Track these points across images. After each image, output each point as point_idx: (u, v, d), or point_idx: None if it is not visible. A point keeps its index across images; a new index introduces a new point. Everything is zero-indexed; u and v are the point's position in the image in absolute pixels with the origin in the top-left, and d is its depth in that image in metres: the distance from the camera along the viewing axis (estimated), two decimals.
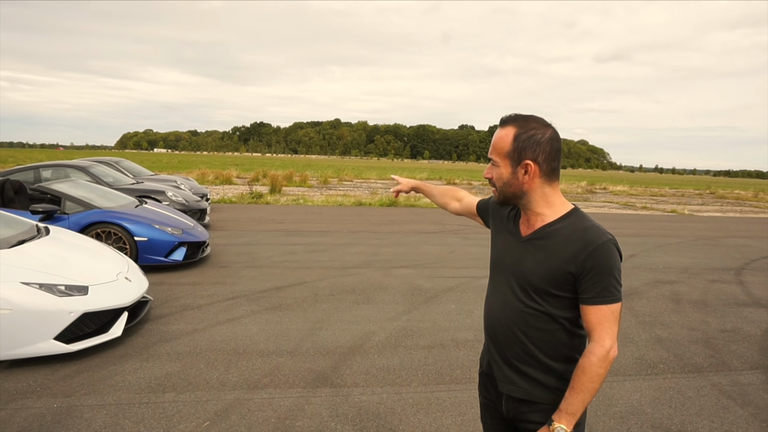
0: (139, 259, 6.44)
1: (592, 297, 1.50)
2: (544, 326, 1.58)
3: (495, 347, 1.71)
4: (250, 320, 4.95)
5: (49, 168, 9.81)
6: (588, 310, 1.51)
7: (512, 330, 1.63)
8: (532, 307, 1.58)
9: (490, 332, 1.74)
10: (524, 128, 1.55)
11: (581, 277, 1.50)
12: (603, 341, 1.48)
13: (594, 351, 1.48)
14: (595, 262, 1.48)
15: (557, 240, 1.56)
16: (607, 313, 1.49)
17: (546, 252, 1.57)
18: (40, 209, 6.10)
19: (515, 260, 1.64)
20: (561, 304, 1.56)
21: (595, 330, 1.50)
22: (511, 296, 1.64)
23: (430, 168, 75.94)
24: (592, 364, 1.48)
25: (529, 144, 1.54)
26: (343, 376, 3.85)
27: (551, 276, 1.54)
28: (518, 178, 1.57)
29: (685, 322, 5.48)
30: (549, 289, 1.55)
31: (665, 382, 3.98)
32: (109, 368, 3.78)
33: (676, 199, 29.50)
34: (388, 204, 17.53)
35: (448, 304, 5.76)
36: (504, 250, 1.71)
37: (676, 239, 11.95)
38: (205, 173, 27.03)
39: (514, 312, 1.62)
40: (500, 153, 1.57)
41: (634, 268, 8.18)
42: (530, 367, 1.62)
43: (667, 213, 19.74)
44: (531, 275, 1.58)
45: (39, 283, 3.78)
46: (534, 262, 1.58)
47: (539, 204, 1.61)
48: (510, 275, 1.65)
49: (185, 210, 9.50)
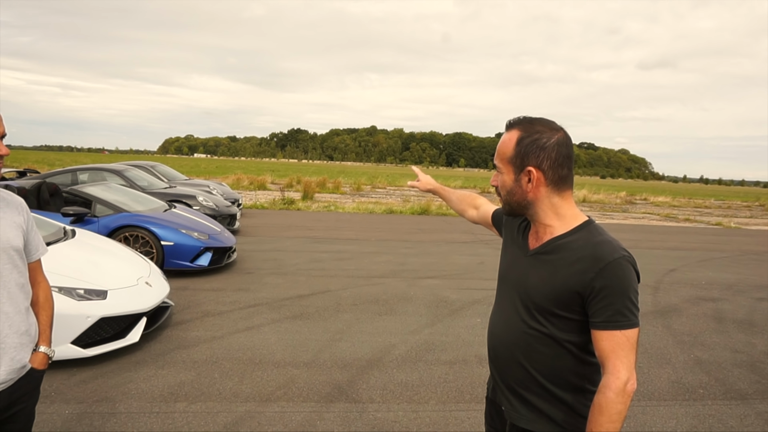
0: (165, 263, 6.47)
1: (603, 321, 1.33)
2: (548, 350, 1.42)
3: (497, 371, 1.57)
4: (269, 329, 4.88)
5: (86, 171, 10.06)
6: (600, 335, 1.34)
7: (513, 353, 1.48)
8: (535, 329, 1.43)
9: (492, 354, 1.59)
10: (528, 132, 1.40)
11: (590, 298, 1.33)
12: (618, 373, 1.30)
13: (610, 385, 1.31)
14: (605, 282, 1.31)
15: (565, 255, 1.39)
16: (622, 340, 1.31)
17: (551, 268, 1.41)
18: (71, 212, 6.21)
19: (520, 276, 1.50)
20: (567, 326, 1.39)
21: (608, 359, 1.32)
22: (514, 315, 1.49)
23: (465, 176, 75.32)
24: (609, 401, 1.30)
25: (532, 149, 1.39)
26: (359, 390, 3.71)
27: (555, 295, 1.38)
28: (521, 186, 1.42)
29: (729, 344, 5.13)
30: (553, 309, 1.39)
31: (705, 409, 3.70)
32: (124, 375, 3.75)
33: (721, 211, 28.30)
34: (419, 212, 17.36)
35: (473, 318, 5.56)
36: (510, 265, 1.57)
37: (721, 253, 11.37)
38: (241, 178, 27.41)
39: (516, 333, 1.47)
40: (503, 159, 1.44)
41: (674, 284, 7.78)
42: (533, 395, 1.46)
43: (712, 225, 18.90)
44: (534, 293, 1.43)
45: (58, 287, 3.78)
46: (538, 279, 1.43)
47: (547, 215, 1.45)
48: (514, 292, 1.51)
49: (215, 215, 9.57)
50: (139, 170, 11.30)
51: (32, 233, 1.84)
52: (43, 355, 1.82)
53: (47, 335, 1.87)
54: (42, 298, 1.90)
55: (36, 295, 1.88)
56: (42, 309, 1.88)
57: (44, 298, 1.90)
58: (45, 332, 1.87)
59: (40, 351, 1.82)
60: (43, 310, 1.88)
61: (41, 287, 1.91)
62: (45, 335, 1.86)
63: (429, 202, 18.66)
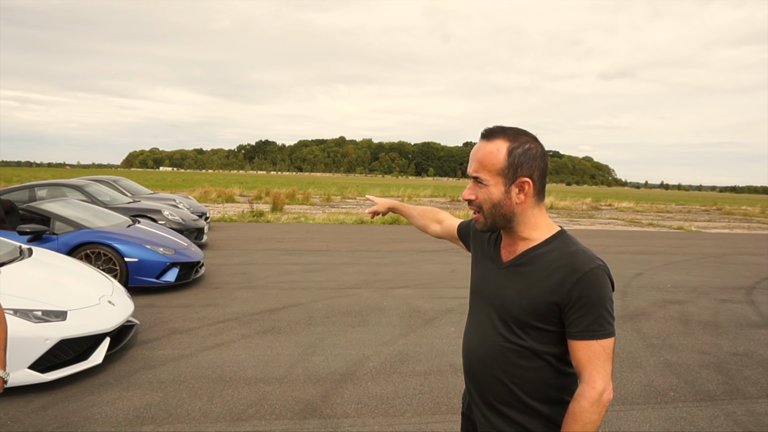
0: (129, 280, 6.26)
1: (580, 331, 1.31)
2: (527, 363, 1.39)
3: (474, 387, 1.53)
4: (239, 345, 4.75)
5: (45, 187, 9.70)
6: (576, 346, 1.33)
7: (491, 368, 1.44)
8: (514, 342, 1.40)
9: (468, 370, 1.55)
10: (517, 141, 1.37)
11: (568, 308, 1.32)
12: (594, 382, 1.30)
13: (585, 394, 1.30)
14: (583, 291, 1.30)
15: (541, 266, 1.38)
16: (598, 350, 1.31)
17: (528, 279, 1.39)
18: (27, 230, 5.95)
19: (494, 289, 1.46)
20: (545, 338, 1.37)
21: (585, 369, 1.32)
22: (490, 330, 1.46)
23: (435, 185, 75.87)
24: (583, 410, 1.29)
25: (526, 159, 1.36)
26: (333, 405, 3.63)
27: (533, 307, 1.36)
28: (511, 198, 1.38)
29: (696, 345, 5.24)
30: (531, 322, 1.37)
31: (676, 411, 3.74)
32: (87, 398, 3.58)
33: (682, 215, 29.19)
34: (390, 222, 17.35)
35: (447, 327, 5.54)
36: (483, 278, 1.53)
37: (684, 257, 11.68)
38: (208, 191, 26.97)
39: (493, 348, 1.44)
40: (491, 170, 1.37)
41: (641, 287, 7.94)
42: (512, 410, 1.43)
43: (674, 230, 19.45)
44: (511, 306, 1.40)
45: (13, 309, 3.60)
46: (515, 291, 1.40)
47: (527, 227, 1.43)
48: (489, 306, 1.47)
49: (181, 229, 9.34)
50: (100, 185, 10.97)
51: None
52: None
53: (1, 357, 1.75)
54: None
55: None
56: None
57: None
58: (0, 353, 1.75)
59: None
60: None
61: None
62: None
63: None
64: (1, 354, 1.76)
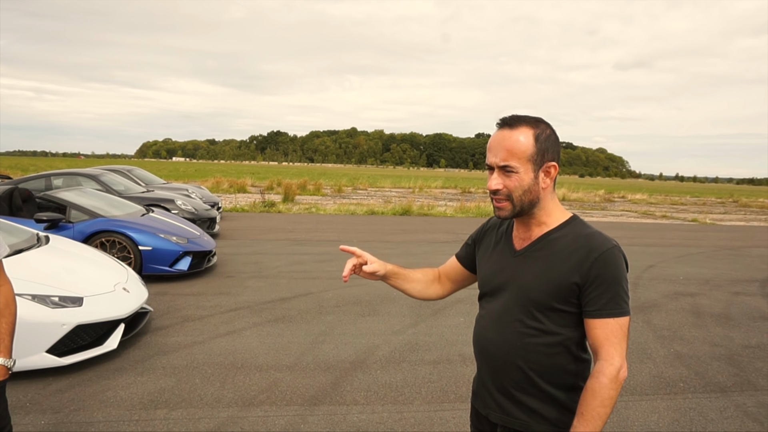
0: (143, 268, 6.35)
1: (597, 309, 1.35)
2: (546, 349, 1.42)
3: (489, 374, 1.54)
4: (251, 333, 4.81)
5: (60, 176, 9.84)
6: (594, 324, 1.36)
7: (509, 354, 1.46)
8: (533, 327, 1.42)
9: (484, 357, 1.57)
10: (539, 128, 1.41)
11: (586, 287, 1.36)
12: (612, 359, 1.33)
13: (604, 370, 1.32)
14: (600, 270, 1.34)
15: (558, 249, 1.41)
16: (615, 328, 1.34)
17: (546, 263, 1.42)
18: (44, 218, 6.06)
19: (510, 276, 1.48)
20: (565, 320, 1.40)
21: (602, 347, 1.34)
22: (507, 316, 1.47)
23: (446, 176, 75.68)
24: (603, 386, 1.31)
25: (550, 144, 1.41)
26: (342, 393, 3.68)
27: (554, 288, 1.38)
28: (539, 183, 1.41)
29: (707, 337, 5.21)
30: (552, 304, 1.39)
31: (685, 402, 3.74)
32: (102, 383, 3.66)
33: (697, 207, 28.87)
34: (401, 213, 17.37)
35: (456, 317, 5.57)
36: (496, 269, 1.54)
37: (697, 249, 11.58)
38: (220, 182, 27.14)
39: (512, 334, 1.46)
40: (521, 157, 1.38)
41: (653, 280, 7.89)
42: (528, 396, 1.45)
43: (688, 222, 19.26)
44: (531, 289, 1.42)
45: (32, 294, 3.68)
46: (533, 275, 1.43)
47: (545, 212, 1.47)
48: (506, 294, 1.49)
49: (194, 219, 9.44)
50: (115, 174, 11.10)
51: None
52: (0, 367, 1.71)
53: (5, 345, 1.73)
54: (1, 303, 1.76)
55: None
56: (1, 316, 1.75)
57: (4, 303, 1.76)
58: (2, 342, 1.73)
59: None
60: (2, 317, 1.75)
61: (1, 292, 1.78)
62: (3, 345, 1.73)
63: (410, 202, 18.68)
64: (7, 341, 1.75)
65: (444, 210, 18.90)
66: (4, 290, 1.79)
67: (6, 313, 1.77)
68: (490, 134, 1.47)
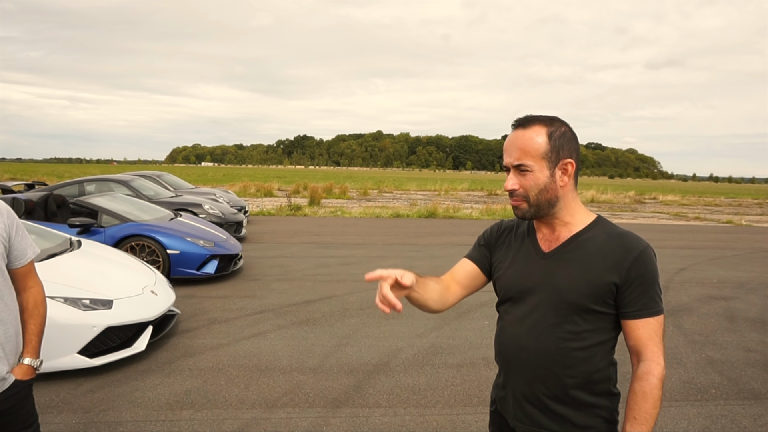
0: (171, 271, 6.48)
1: (638, 309, 1.34)
2: (582, 353, 1.38)
3: (519, 382, 1.48)
4: (275, 335, 4.86)
5: (93, 182, 10.11)
6: (636, 324, 1.35)
7: (544, 360, 1.41)
8: (570, 330, 1.39)
9: (515, 366, 1.49)
10: (553, 126, 1.40)
11: (625, 287, 1.34)
12: (659, 359, 1.33)
13: (652, 371, 1.31)
14: (639, 270, 1.33)
15: (591, 250, 1.39)
16: (657, 327, 1.34)
17: (581, 264, 1.39)
18: (77, 223, 6.24)
19: (542, 279, 1.43)
20: (603, 323, 1.39)
21: (646, 347, 1.33)
22: (541, 321, 1.42)
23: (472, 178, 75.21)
24: (653, 387, 1.30)
25: (565, 141, 1.40)
26: (365, 395, 3.68)
27: (591, 289, 1.36)
28: (556, 181, 1.40)
29: (741, 343, 5.05)
30: (590, 306, 1.37)
31: (717, 409, 3.63)
32: (131, 383, 3.75)
33: (732, 209, 28.03)
34: (426, 215, 17.33)
35: (481, 320, 5.52)
36: (523, 273, 1.48)
37: (732, 251, 11.24)
38: (247, 186, 27.50)
39: (547, 339, 1.40)
40: (534, 156, 1.38)
41: (684, 283, 7.70)
42: (559, 403, 1.41)
43: (722, 224, 18.72)
44: (568, 292, 1.38)
45: (64, 297, 3.79)
46: (569, 278, 1.39)
47: (568, 211, 1.44)
48: (536, 297, 1.44)
49: (221, 223, 9.59)
50: (145, 180, 11.36)
51: (18, 238, 1.76)
52: (27, 367, 1.76)
53: (33, 345, 1.78)
54: (31, 304, 1.80)
55: (25, 301, 1.80)
56: (30, 317, 1.79)
57: (33, 304, 1.81)
58: (30, 342, 1.78)
59: (24, 363, 1.76)
60: (31, 318, 1.79)
61: (31, 293, 1.82)
62: (30, 345, 1.78)
63: (436, 205, 18.62)
64: (35, 341, 1.79)
65: (470, 212, 18.79)
66: (33, 292, 1.83)
67: (35, 315, 1.81)
68: None
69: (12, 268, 1.77)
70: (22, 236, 1.78)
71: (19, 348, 1.76)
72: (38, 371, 1.81)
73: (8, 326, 1.71)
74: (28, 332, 1.79)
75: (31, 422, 1.79)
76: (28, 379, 1.76)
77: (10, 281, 1.77)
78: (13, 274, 1.79)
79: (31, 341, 1.78)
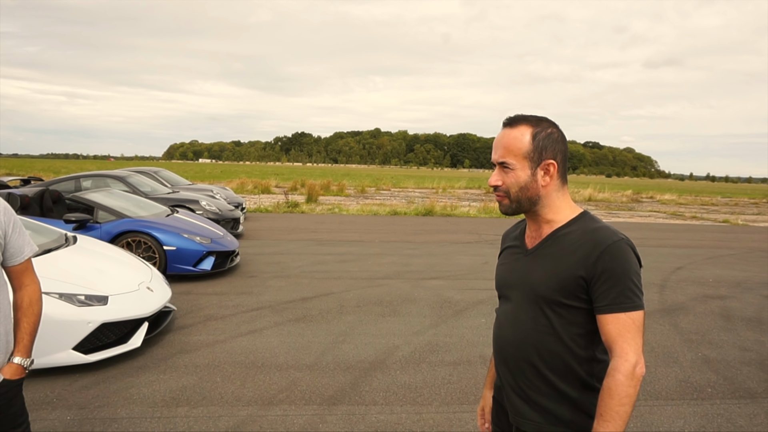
0: (168, 268, 6.46)
1: (607, 304, 1.33)
2: (558, 346, 1.41)
3: (506, 373, 1.54)
4: (272, 332, 4.85)
5: (90, 178, 10.07)
6: (605, 319, 1.34)
7: (523, 352, 1.47)
8: (545, 324, 1.42)
9: (500, 357, 1.57)
10: (539, 127, 1.43)
11: (593, 282, 1.34)
12: (627, 355, 1.30)
13: (618, 368, 1.29)
14: (607, 264, 1.33)
15: (565, 245, 1.42)
16: (627, 323, 1.31)
17: (553, 259, 1.42)
18: (72, 218, 6.21)
19: (522, 275, 1.50)
20: (575, 317, 1.39)
21: (615, 343, 1.32)
22: (520, 314, 1.48)
23: (470, 177, 75.23)
24: (619, 384, 1.28)
25: (549, 143, 1.43)
26: (361, 393, 3.68)
27: (560, 284, 1.38)
28: (537, 181, 1.44)
29: (737, 342, 5.06)
30: (560, 299, 1.39)
31: (713, 408, 3.64)
32: (126, 380, 3.73)
33: (729, 208, 28.11)
34: (423, 213, 17.32)
35: (478, 318, 5.52)
36: (509, 269, 1.56)
37: (728, 251, 11.27)
38: (245, 182, 27.47)
39: (524, 331, 1.46)
40: (517, 154, 1.43)
41: (681, 282, 7.70)
42: (542, 396, 1.44)
43: (719, 223, 18.77)
44: (539, 286, 1.42)
45: (59, 293, 3.77)
46: (542, 272, 1.43)
47: (551, 209, 1.47)
48: (518, 292, 1.50)
49: (218, 219, 9.57)
50: (142, 176, 11.32)
51: (14, 235, 1.73)
52: (16, 366, 1.72)
53: (24, 344, 1.74)
54: (25, 302, 1.77)
55: (20, 299, 1.78)
56: (23, 315, 1.76)
57: (28, 303, 1.78)
58: (22, 341, 1.74)
59: (13, 362, 1.72)
60: (25, 316, 1.76)
61: (26, 291, 1.79)
62: (22, 344, 1.74)
63: (433, 203, 18.62)
64: (27, 340, 1.75)
65: (467, 210, 18.79)
66: (29, 290, 1.80)
67: (29, 313, 1.78)
68: None
69: (7, 265, 1.75)
70: (19, 234, 1.75)
71: (9, 347, 1.73)
72: (28, 371, 1.78)
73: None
74: (20, 330, 1.75)
75: (20, 422, 1.76)
76: (17, 379, 1.73)
77: (6, 278, 1.74)
78: (9, 271, 1.76)
79: (22, 340, 1.75)
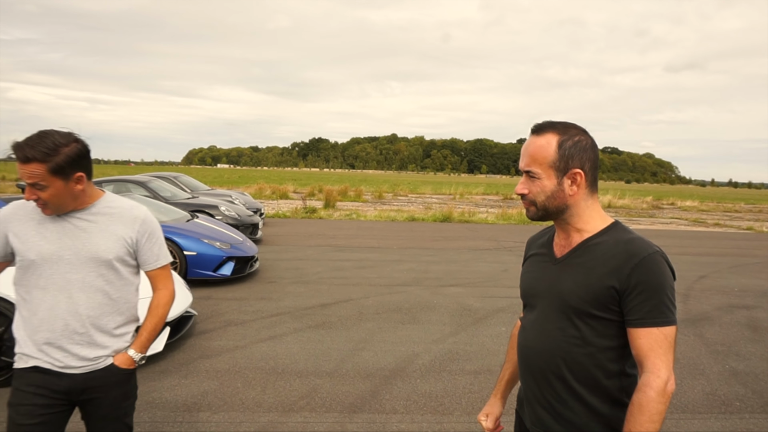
0: (188, 273, 6.51)
1: (640, 318, 1.29)
2: (588, 359, 1.37)
3: (532, 385, 1.50)
4: (292, 338, 4.86)
5: (111, 183, 10.22)
6: (637, 333, 1.30)
7: (550, 363, 1.42)
8: (574, 336, 1.38)
9: (526, 368, 1.53)
10: (567, 135, 1.39)
11: (627, 294, 1.30)
12: (659, 371, 1.26)
13: (650, 383, 1.26)
14: (642, 277, 1.29)
15: (597, 255, 1.37)
16: (660, 338, 1.27)
17: (584, 269, 1.38)
18: None
19: (550, 284, 1.45)
20: (606, 330, 1.35)
21: (647, 358, 1.28)
22: (548, 325, 1.44)
23: (487, 182, 74.89)
24: (650, 400, 1.25)
25: (576, 151, 1.38)
26: (382, 401, 3.66)
27: (592, 295, 1.34)
28: (564, 190, 1.40)
29: (765, 354, 4.94)
30: (590, 311, 1.35)
31: (741, 422, 3.55)
32: (148, 384, 3.76)
33: (752, 215, 27.55)
34: (441, 219, 17.27)
35: (498, 326, 5.47)
36: (537, 278, 1.53)
37: (754, 259, 11.03)
38: (263, 188, 27.68)
39: (553, 342, 1.42)
40: (542, 163, 1.39)
41: (705, 291, 7.56)
42: (570, 410, 1.40)
43: (743, 230, 18.40)
44: (570, 296, 1.38)
45: None
46: (572, 282, 1.39)
47: (581, 218, 1.43)
48: (546, 302, 1.46)
49: (237, 225, 9.64)
50: (162, 181, 11.46)
51: (148, 244, 1.91)
52: (127, 357, 1.91)
53: (141, 340, 1.94)
54: (153, 304, 2.00)
55: (152, 300, 2.01)
56: (149, 314, 1.99)
57: (155, 304, 2.00)
58: (140, 336, 1.94)
59: (127, 352, 1.92)
60: (150, 315, 1.99)
61: (157, 294, 2.01)
62: (139, 340, 1.94)
63: (451, 209, 18.56)
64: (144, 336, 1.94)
65: (485, 217, 18.69)
66: (159, 294, 2.03)
67: (153, 314, 1.99)
68: None
69: (144, 270, 1.97)
70: (154, 243, 1.93)
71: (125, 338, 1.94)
72: (138, 365, 1.96)
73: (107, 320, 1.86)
74: (143, 327, 1.96)
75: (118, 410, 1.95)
76: (125, 368, 1.91)
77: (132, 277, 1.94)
78: (147, 274, 1.98)
79: (141, 335, 1.95)
